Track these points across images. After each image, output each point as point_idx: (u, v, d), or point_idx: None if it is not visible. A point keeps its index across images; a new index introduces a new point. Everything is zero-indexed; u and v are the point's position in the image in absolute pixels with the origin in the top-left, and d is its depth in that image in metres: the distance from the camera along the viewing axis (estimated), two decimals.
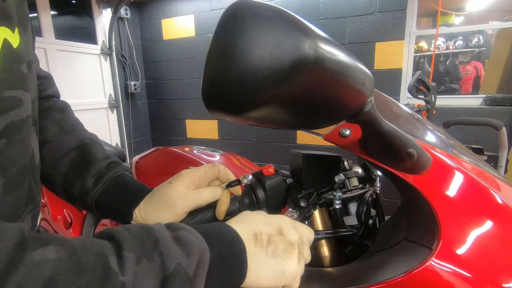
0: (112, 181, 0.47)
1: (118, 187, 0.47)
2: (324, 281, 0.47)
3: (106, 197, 0.46)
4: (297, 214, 0.49)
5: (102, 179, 0.46)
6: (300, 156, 0.53)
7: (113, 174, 0.47)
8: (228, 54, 0.26)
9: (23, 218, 0.40)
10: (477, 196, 0.44)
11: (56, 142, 0.49)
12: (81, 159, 0.48)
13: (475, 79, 4.20)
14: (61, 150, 0.48)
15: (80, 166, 0.47)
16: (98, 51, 3.09)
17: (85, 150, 0.49)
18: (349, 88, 0.31)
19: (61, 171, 0.47)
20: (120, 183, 0.47)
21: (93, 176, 0.46)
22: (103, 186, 0.46)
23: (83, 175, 0.46)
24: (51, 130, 0.49)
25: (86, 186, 0.46)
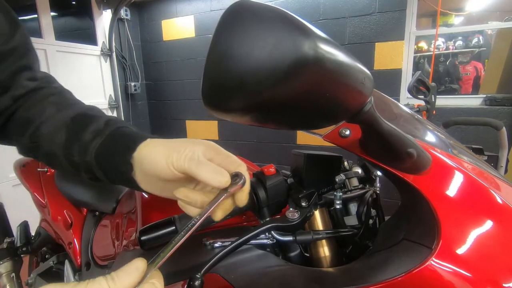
0: (112, 134, 0.42)
1: (117, 137, 0.42)
2: (324, 281, 0.47)
3: (104, 148, 0.41)
4: (298, 214, 0.49)
5: (100, 134, 0.42)
6: (301, 156, 0.53)
7: (112, 128, 0.43)
8: (228, 54, 0.26)
9: None
10: (477, 196, 0.44)
11: (53, 118, 0.46)
12: (77, 124, 0.44)
13: (475, 79, 4.20)
14: (58, 123, 0.45)
15: (76, 130, 0.44)
16: (98, 52, 3.09)
17: (81, 115, 0.46)
18: (348, 88, 0.31)
19: (60, 142, 0.44)
20: (119, 133, 0.42)
21: (92, 132, 0.42)
22: (101, 140, 0.42)
23: (79, 136, 0.43)
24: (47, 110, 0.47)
25: (84, 144, 0.42)
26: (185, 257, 0.60)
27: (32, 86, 0.49)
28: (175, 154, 0.34)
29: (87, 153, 0.42)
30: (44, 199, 1.24)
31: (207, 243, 0.53)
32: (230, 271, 0.49)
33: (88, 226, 1.13)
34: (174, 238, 0.29)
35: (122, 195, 1.07)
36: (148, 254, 0.69)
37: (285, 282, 0.47)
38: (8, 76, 0.47)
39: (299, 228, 0.50)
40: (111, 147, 0.41)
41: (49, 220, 1.22)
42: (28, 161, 1.39)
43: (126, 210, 0.95)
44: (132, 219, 0.86)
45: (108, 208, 1.07)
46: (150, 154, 0.37)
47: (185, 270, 0.56)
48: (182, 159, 0.34)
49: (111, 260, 0.92)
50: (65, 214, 1.18)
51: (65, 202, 1.19)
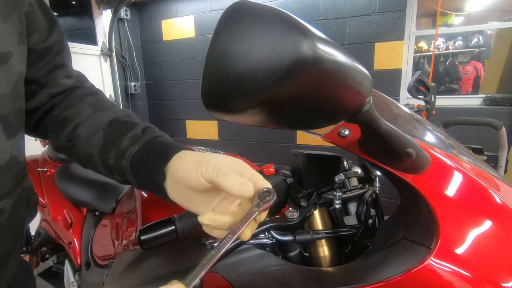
0: (149, 142, 0.44)
1: (153, 146, 0.43)
2: (324, 280, 0.47)
3: (140, 156, 0.42)
4: (297, 213, 0.49)
5: (138, 141, 0.44)
6: (301, 156, 0.53)
7: (149, 136, 0.44)
8: (227, 54, 0.26)
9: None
10: (476, 195, 0.44)
11: (90, 120, 0.48)
12: (116, 129, 0.46)
13: (474, 79, 4.20)
14: (95, 125, 0.47)
15: (114, 134, 0.46)
16: (98, 52, 3.09)
17: (119, 121, 0.47)
18: (347, 88, 0.31)
19: (97, 144, 0.46)
20: (156, 142, 0.44)
21: (130, 139, 0.44)
22: (138, 147, 0.43)
23: (117, 141, 0.44)
24: (84, 112, 0.49)
25: (121, 149, 0.44)
26: (185, 256, 0.60)
27: (68, 84, 0.52)
28: (205, 164, 0.35)
29: (123, 158, 0.43)
30: (44, 199, 1.24)
31: (207, 243, 0.53)
32: (230, 271, 0.49)
33: (88, 226, 1.13)
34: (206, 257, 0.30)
35: (122, 195, 1.07)
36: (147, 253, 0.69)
37: (285, 281, 0.47)
38: (44, 73, 0.49)
39: (299, 227, 0.50)
40: (147, 155, 0.43)
41: (49, 220, 1.23)
42: (28, 161, 1.39)
43: (126, 210, 0.95)
44: (132, 218, 0.87)
45: (108, 208, 1.07)
46: (181, 163, 0.38)
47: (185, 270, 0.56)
48: (211, 169, 0.34)
49: (111, 260, 0.92)
50: (65, 214, 1.18)
51: (65, 202, 1.19)
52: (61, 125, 0.49)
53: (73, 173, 1.23)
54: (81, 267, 1.08)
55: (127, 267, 0.68)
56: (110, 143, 0.45)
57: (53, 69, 0.50)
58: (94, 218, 1.13)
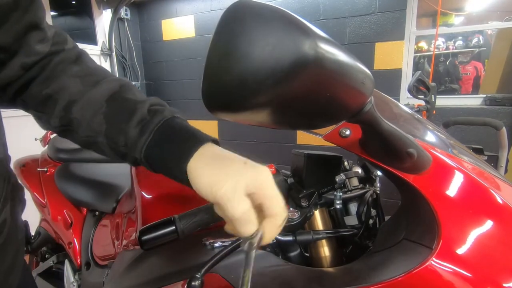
0: (159, 130, 0.38)
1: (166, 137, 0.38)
2: (324, 281, 0.47)
3: (155, 150, 0.38)
4: (298, 213, 0.49)
5: (147, 129, 0.38)
6: (302, 156, 0.53)
7: (158, 120, 0.39)
8: (228, 54, 0.26)
9: None
10: (477, 196, 0.44)
11: (83, 99, 0.41)
12: (116, 110, 0.40)
13: (475, 79, 4.20)
14: (92, 107, 0.41)
15: (118, 118, 0.40)
16: (98, 51, 3.09)
17: (118, 99, 0.41)
18: (349, 88, 0.31)
19: (100, 129, 0.40)
20: (169, 130, 0.38)
21: (136, 126, 0.39)
22: (150, 137, 0.38)
23: (124, 128, 0.39)
24: (72, 87, 0.42)
25: (132, 139, 0.38)
26: (185, 257, 0.60)
27: (45, 50, 0.42)
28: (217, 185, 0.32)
29: (135, 150, 0.39)
30: (44, 199, 1.24)
31: (207, 243, 0.53)
32: (230, 271, 0.49)
33: (88, 226, 1.13)
34: None
35: (122, 195, 1.07)
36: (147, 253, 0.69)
37: (285, 282, 0.47)
38: (13, 37, 0.39)
39: (299, 228, 0.50)
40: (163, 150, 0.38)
41: (49, 220, 1.22)
42: (28, 161, 1.39)
43: (126, 210, 0.95)
44: (132, 219, 0.86)
45: (108, 208, 1.07)
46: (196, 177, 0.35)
47: (185, 270, 0.56)
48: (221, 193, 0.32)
49: (111, 260, 0.92)
50: (65, 214, 1.18)
51: (65, 202, 1.19)
52: (46, 103, 0.42)
53: (73, 173, 1.23)
54: (81, 267, 1.07)
55: (127, 267, 0.68)
56: (116, 131, 0.40)
57: (24, 31, 0.40)
58: (94, 218, 1.13)
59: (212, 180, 0.33)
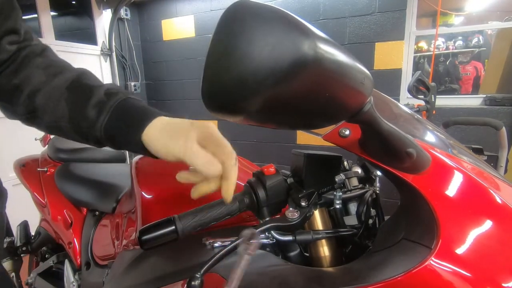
0: (116, 108, 0.43)
1: (122, 113, 0.43)
2: (324, 280, 0.47)
3: (113, 127, 0.43)
4: (297, 213, 0.49)
5: (104, 109, 0.43)
6: (301, 156, 0.53)
7: (114, 101, 0.43)
8: (227, 54, 0.26)
9: None
10: (477, 195, 0.44)
11: (46, 88, 0.45)
12: (77, 96, 0.45)
13: (475, 79, 4.20)
14: (54, 95, 0.45)
15: (78, 102, 0.44)
16: (98, 52, 3.09)
17: (77, 86, 0.45)
18: (348, 88, 0.31)
19: (64, 115, 0.45)
20: (124, 108, 0.43)
21: (94, 107, 0.43)
22: (108, 116, 0.43)
23: (84, 110, 0.43)
24: (36, 76, 0.46)
25: (91, 119, 0.43)
26: (185, 257, 0.60)
27: (14, 49, 0.47)
28: (172, 144, 0.38)
29: (95, 128, 0.43)
30: (44, 199, 1.24)
31: (207, 243, 0.53)
32: (229, 271, 0.49)
33: (88, 226, 1.13)
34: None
35: (122, 194, 1.07)
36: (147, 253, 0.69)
37: (285, 281, 0.47)
38: None
39: (299, 228, 0.50)
40: (120, 125, 0.43)
41: (49, 219, 1.23)
42: (28, 161, 1.39)
43: (126, 210, 0.95)
44: (132, 218, 0.86)
45: (108, 208, 1.07)
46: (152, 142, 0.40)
47: (185, 270, 0.56)
48: (177, 150, 0.38)
49: (111, 260, 0.92)
50: (65, 214, 1.18)
51: (65, 202, 1.19)
52: (13, 93, 0.46)
53: (73, 173, 1.23)
54: (81, 267, 1.08)
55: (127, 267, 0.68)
56: (77, 114, 0.44)
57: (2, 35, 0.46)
58: (94, 218, 1.13)
59: (167, 141, 0.39)
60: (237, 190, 0.53)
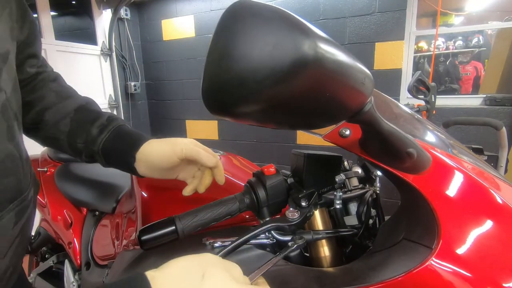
0: (115, 130, 0.53)
1: (121, 134, 0.53)
2: (324, 280, 0.47)
3: (111, 143, 0.52)
4: (298, 213, 0.49)
5: (106, 129, 0.53)
6: (301, 156, 0.53)
7: (115, 124, 0.54)
8: (228, 54, 0.26)
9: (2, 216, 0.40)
10: (477, 195, 0.44)
11: (56, 107, 0.54)
12: (82, 117, 0.54)
13: (475, 79, 4.20)
14: (61, 113, 0.54)
15: (82, 122, 0.54)
16: (98, 51, 3.09)
17: (84, 110, 0.55)
18: (348, 88, 0.31)
19: (64, 130, 0.53)
20: (122, 131, 0.54)
21: (98, 127, 0.53)
22: (108, 134, 0.52)
23: (86, 129, 0.53)
24: (48, 98, 0.55)
25: (92, 136, 0.52)
26: None
27: (33, 72, 0.55)
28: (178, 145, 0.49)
29: (95, 144, 0.53)
30: (44, 199, 1.24)
31: (207, 243, 0.53)
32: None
33: (88, 226, 1.13)
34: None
35: (122, 195, 1.07)
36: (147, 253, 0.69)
37: (285, 281, 0.47)
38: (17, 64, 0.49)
39: (299, 228, 0.50)
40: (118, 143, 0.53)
41: (49, 220, 1.22)
42: None
43: (126, 210, 0.95)
44: (132, 218, 0.86)
45: (108, 208, 1.07)
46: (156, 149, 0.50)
47: None
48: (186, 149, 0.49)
49: (111, 260, 0.92)
50: (65, 214, 1.18)
51: (65, 202, 1.19)
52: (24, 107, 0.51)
53: (73, 173, 1.23)
54: (81, 267, 1.07)
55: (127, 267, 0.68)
56: (78, 130, 0.53)
57: (24, 60, 0.52)
58: (94, 218, 1.13)
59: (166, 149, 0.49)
60: (237, 190, 0.53)
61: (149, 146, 0.51)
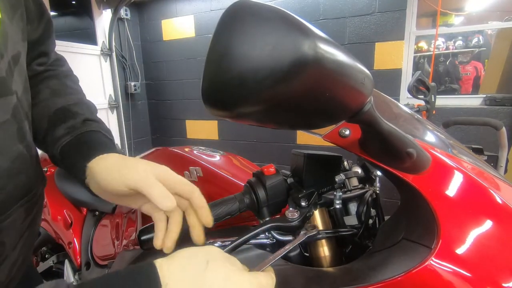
0: (82, 135, 0.45)
1: (83, 140, 0.45)
2: (324, 280, 0.47)
3: (68, 148, 0.45)
4: (298, 213, 0.49)
5: (73, 132, 0.45)
6: (301, 156, 0.53)
7: (86, 129, 0.46)
8: (227, 54, 0.26)
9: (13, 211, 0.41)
10: (477, 195, 0.44)
11: (43, 103, 0.49)
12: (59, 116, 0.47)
13: (475, 79, 4.20)
14: (44, 110, 0.48)
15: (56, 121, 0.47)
16: (98, 51, 3.09)
17: (65, 109, 0.48)
18: (348, 88, 0.31)
19: (43, 128, 0.48)
20: (87, 137, 0.45)
21: (67, 128, 0.46)
22: (70, 138, 0.45)
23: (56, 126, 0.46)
24: (42, 93, 0.50)
25: (55, 137, 0.46)
26: None
27: (40, 70, 0.52)
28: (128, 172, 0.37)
29: (54, 146, 0.45)
30: (44, 199, 1.24)
31: (207, 243, 0.53)
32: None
33: (88, 226, 1.13)
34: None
35: None
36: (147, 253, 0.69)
37: (285, 281, 0.47)
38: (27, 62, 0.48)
39: (299, 228, 0.50)
40: (72, 150, 0.44)
41: (49, 220, 1.22)
42: None
43: (126, 210, 0.95)
44: (132, 218, 0.86)
45: (108, 208, 1.07)
46: (104, 169, 0.39)
47: None
48: (135, 178, 0.36)
49: (111, 260, 0.92)
50: (65, 214, 1.18)
51: (65, 202, 1.19)
52: None
53: None
54: (81, 267, 1.07)
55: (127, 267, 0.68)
56: (50, 129, 0.47)
57: (35, 58, 0.50)
58: (94, 218, 1.13)
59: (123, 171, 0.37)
60: (237, 190, 0.53)
61: (102, 161, 0.40)
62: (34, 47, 0.48)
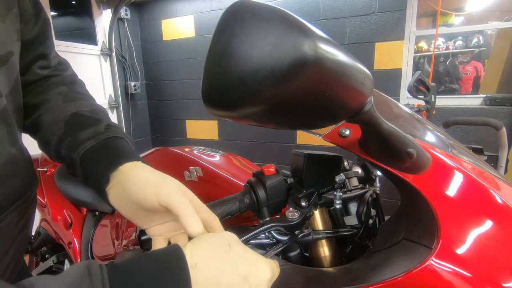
0: (106, 140, 0.42)
1: (109, 146, 0.42)
2: (324, 280, 0.47)
3: (91, 153, 0.41)
4: (298, 213, 0.49)
5: (97, 136, 0.42)
6: (301, 156, 0.53)
7: (110, 134, 0.43)
8: (228, 54, 0.26)
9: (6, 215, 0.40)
10: (477, 195, 0.44)
11: (55, 109, 0.47)
12: (78, 121, 0.45)
13: (475, 79, 4.20)
14: (58, 115, 0.46)
15: (75, 126, 0.44)
16: (98, 51, 3.09)
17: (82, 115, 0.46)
18: (348, 88, 0.31)
19: (57, 134, 0.45)
20: (112, 143, 0.43)
21: (90, 133, 0.43)
22: (94, 142, 0.42)
23: (76, 133, 0.43)
24: (52, 100, 0.48)
25: (77, 141, 0.42)
26: None
27: (43, 74, 0.50)
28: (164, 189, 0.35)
29: (76, 150, 0.42)
30: (44, 199, 1.24)
31: None
32: None
33: (88, 226, 1.13)
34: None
35: None
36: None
37: (285, 281, 0.47)
38: (25, 64, 0.47)
39: (299, 228, 0.50)
40: (98, 154, 0.41)
41: (49, 220, 1.22)
42: None
43: None
44: None
45: (108, 208, 1.07)
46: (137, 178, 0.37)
47: None
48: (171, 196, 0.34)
49: (111, 259, 0.92)
50: (65, 214, 1.18)
51: (65, 202, 1.19)
52: (29, 110, 0.48)
53: None
54: None
55: None
56: (68, 134, 0.44)
57: (34, 60, 0.49)
58: (94, 218, 1.13)
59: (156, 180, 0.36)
60: (237, 190, 0.53)
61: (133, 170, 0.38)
62: (31, 47, 0.47)
